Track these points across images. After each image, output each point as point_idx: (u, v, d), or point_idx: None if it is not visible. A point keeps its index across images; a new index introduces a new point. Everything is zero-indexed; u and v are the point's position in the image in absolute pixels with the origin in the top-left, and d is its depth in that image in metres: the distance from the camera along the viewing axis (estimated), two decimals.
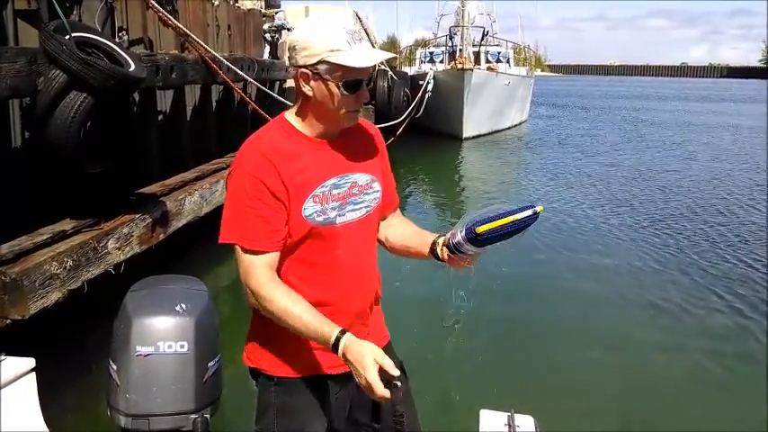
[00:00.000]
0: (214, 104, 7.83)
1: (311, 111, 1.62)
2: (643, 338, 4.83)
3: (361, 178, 1.70)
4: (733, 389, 4.13)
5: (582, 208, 9.30)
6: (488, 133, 18.40)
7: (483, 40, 20.60)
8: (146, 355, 1.77)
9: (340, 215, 1.65)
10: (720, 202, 9.84)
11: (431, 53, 22.46)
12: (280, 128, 1.66)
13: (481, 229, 1.59)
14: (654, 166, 13.42)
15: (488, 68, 18.69)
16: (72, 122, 3.83)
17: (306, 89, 1.58)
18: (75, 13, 4.88)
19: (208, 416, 1.83)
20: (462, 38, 18.96)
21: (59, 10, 4.10)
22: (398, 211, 1.90)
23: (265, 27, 10.46)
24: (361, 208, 1.70)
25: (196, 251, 5.57)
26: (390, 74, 14.57)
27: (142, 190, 5.27)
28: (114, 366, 1.81)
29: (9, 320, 3.38)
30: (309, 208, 1.60)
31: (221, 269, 5.66)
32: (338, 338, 1.49)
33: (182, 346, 1.79)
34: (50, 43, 3.81)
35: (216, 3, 8.13)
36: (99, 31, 4.72)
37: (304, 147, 1.63)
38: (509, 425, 1.74)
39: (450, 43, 21.03)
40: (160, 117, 6.54)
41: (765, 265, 6.55)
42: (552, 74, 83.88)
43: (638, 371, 4.31)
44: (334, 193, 1.64)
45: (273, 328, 1.63)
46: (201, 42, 6.86)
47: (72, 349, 3.78)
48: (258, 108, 8.06)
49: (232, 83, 7.49)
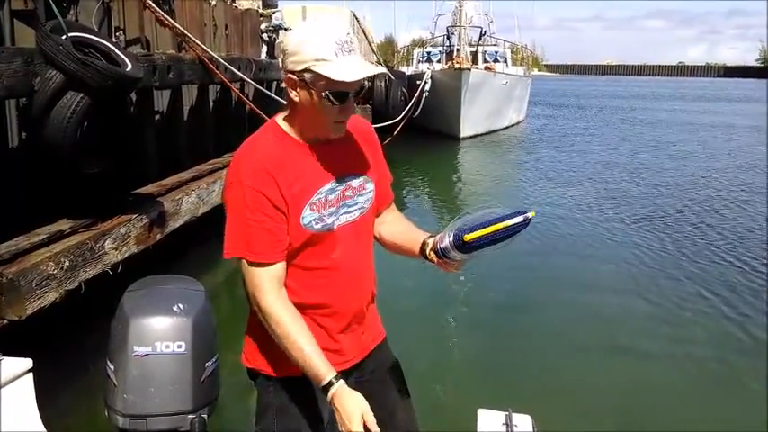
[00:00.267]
0: (211, 104, 7.82)
1: (299, 117, 1.61)
2: (640, 338, 4.84)
3: (355, 180, 1.70)
4: (731, 387, 4.13)
5: (579, 207, 9.30)
6: (486, 133, 18.40)
7: (480, 39, 20.61)
8: (143, 356, 1.77)
9: (336, 220, 1.65)
10: (716, 200, 9.85)
11: (428, 53, 22.46)
12: (272, 134, 1.64)
13: (469, 237, 1.58)
14: (650, 165, 13.42)
15: (486, 68, 18.69)
16: (69, 123, 3.82)
17: (293, 95, 1.57)
18: (71, 12, 4.87)
19: (205, 416, 1.83)
20: (459, 38, 18.95)
21: (56, 10, 4.09)
22: (393, 206, 1.89)
23: (262, 27, 10.47)
24: (355, 210, 1.70)
25: (193, 251, 5.57)
26: (388, 74, 14.57)
27: (139, 190, 5.26)
28: (112, 366, 1.80)
29: (6, 321, 3.38)
30: (307, 216, 1.60)
31: (218, 269, 5.66)
32: (330, 383, 1.53)
33: (179, 346, 1.79)
34: (47, 43, 3.80)
35: (213, 2, 8.13)
36: (96, 31, 4.71)
37: (298, 153, 1.61)
38: (507, 424, 1.75)
39: (448, 43, 21.03)
40: (157, 117, 6.53)
41: (764, 264, 6.56)
42: (549, 73, 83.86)
43: (635, 370, 4.31)
44: (330, 198, 1.64)
45: None
46: (199, 42, 6.85)
47: (69, 350, 3.77)
48: (255, 108, 8.05)
49: (229, 83, 7.48)
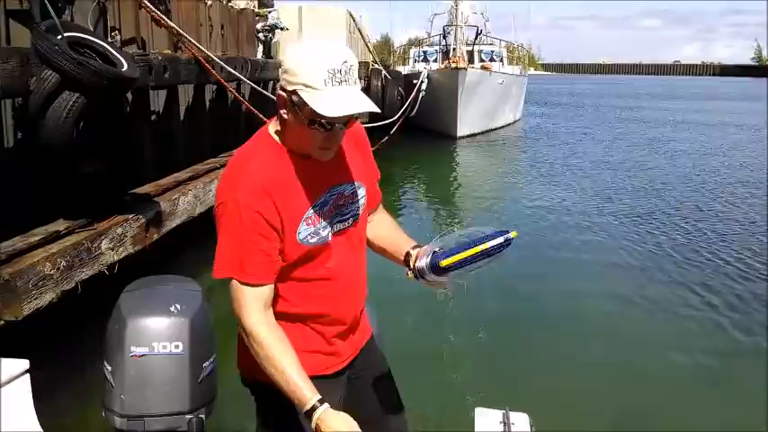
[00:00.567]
0: (207, 104, 7.81)
1: (288, 132, 1.57)
2: (637, 335, 4.86)
3: (347, 188, 1.68)
4: (730, 385, 4.14)
5: (576, 206, 9.31)
6: (482, 132, 18.43)
7: (476, 39, 20.61)
8: (140, 356, 1.77)
9: (330, 230, 1.63)
10: (712, 197, 9.89)
11: (424, 52, 22.47)
12: (266, 148, 1.60)
13: (446, 263, 1.58)
14: (643, 163, 13.47)
15: (483, 67, 18.70)
16: (65, 123, 3.81)
17: (282, 111, 1.54)
18: (67, 12, 4.85)
19: (203, 416, 1.83)
20: (456, 37, 18.96)
21: (51, 10, 4.07)
22: (380, 206, 1.88)
23: (258, 26, 10.46)
24: (349, 218, 1.68)
25: (190, 251, 5.54)
26: (384, 73, 14.57)
27: (135, 190, 5.24)
28: (109, 367, 1.80)
29: (2, 321, 3.36)
30: (303, 231, 1.58)
31: None
32: (314, 407, 1.49)
33: (176, 346, 1.79)
34: (42, 43, 3.79)
35: (209, 2, 8.11)
36: (91, 31, 4.69)
37: (292, 167, 1.58)
38: (504, 422, 1.76)
39: (444, 42, 21.05)
40: (153, 117, 6.52)
41: (763, 262, 6.56)
42: (545, 72, 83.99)
43: (632, 368, 4.31)
44: (324, 210, 1.62)
45: None
46: (195, 42, 6.84)
47: (66, 350, 3.76)
48: (252, 107, 8.04)
49: (225, 82, 7.47)
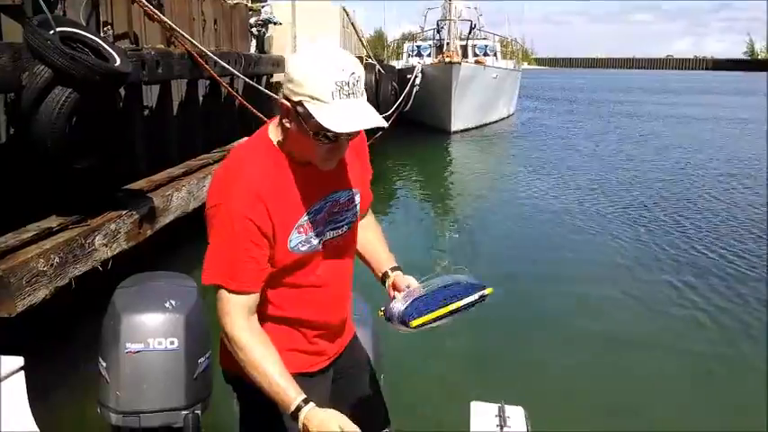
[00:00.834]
0: (201, 99, 7.77)
1: (289, 141, 1.54)
2: (633, 332, 4.86)
3: (343, 196, 1.65)
4: (728, 384, 4.14)
5: (574, 203, 9.32)
6: (476, 127, 18.43)
7: (470, 33, 20.59)
8: (135, 352, 1.77)
9: (322, 238, 1.62)
10: (709, 194, 9.92)
11: (418, 47, 22.46)
12: (263, 151, 1.57)
13: (415, 323, 1.59)
14: (635, 156, 13.53)
15: (476, 62, 18.70)
16: (57, 118, 3.79)
17: (285, 121, 1.50)
18: (59, 7, 4.82)
19: (199, 412, 1.83)
20: (449, 31, 18.93)
21: (43, 5, 4.05)
22: (369, 210, 1.85)
23: (252, 21, 10.40)
24: (342, 225, 1.66)
25: (184, 247, 5.53)
26: (378, 67, 14.53)
27: (129, 186, 5.23)
28: (104, 364, 1.80)
29: None
30: (294, 239, 1.56)
31: None
32: (299, 407, 1.48)
33: (171, 342, 1.79)
34: (35, 38, 3.77)
35: None
36: (84, 25, 4.67)
37: (289, 173, 1.55)
38: (500, 416, 1.76)
39: (438, 37, 21.02)
40: (146, 112, 6.49)
41: (763, 261, 6.53)
42: (539, 67, 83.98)
43: (628, 363, 4.34)
44: (317, 218, 1.59)
45: None
46: (188, 37, 6.81)
47: (61, 347, 3.75)
48: (245, 102, 8.02)
49: (219, 77, 7.44)
